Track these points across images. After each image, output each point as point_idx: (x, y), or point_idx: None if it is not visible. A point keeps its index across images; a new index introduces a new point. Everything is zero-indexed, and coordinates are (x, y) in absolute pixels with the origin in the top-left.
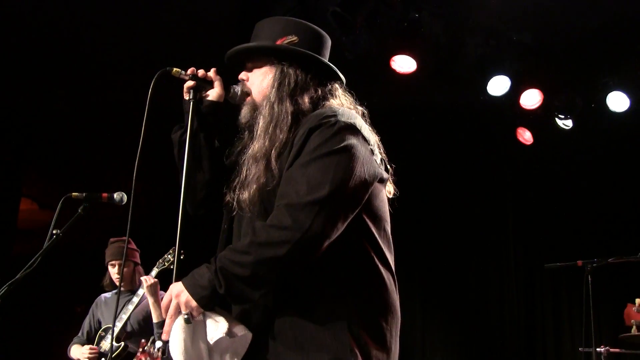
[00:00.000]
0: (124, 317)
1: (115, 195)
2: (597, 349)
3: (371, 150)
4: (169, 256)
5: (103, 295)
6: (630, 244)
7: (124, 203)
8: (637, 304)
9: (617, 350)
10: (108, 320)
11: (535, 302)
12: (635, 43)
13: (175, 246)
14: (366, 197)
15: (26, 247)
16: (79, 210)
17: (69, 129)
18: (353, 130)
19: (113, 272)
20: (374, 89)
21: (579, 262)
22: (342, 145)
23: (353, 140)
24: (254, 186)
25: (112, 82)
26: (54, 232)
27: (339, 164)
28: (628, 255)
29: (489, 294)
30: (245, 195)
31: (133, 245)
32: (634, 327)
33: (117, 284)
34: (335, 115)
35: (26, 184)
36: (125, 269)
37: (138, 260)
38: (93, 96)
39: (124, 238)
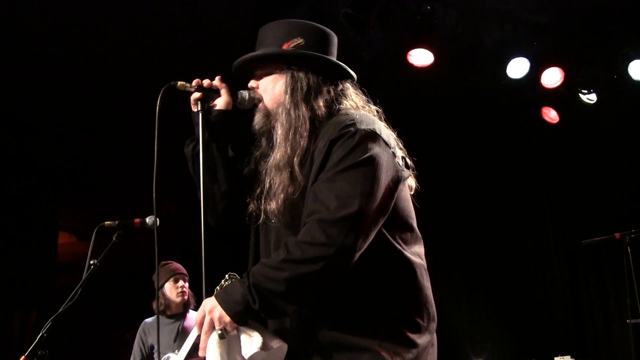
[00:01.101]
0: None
1: (148, 220)
2: None
3: (393, 153)
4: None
5: (148, 320)
6: None
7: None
8: None
9: None
10: (163, 345)
11: (579, 280)
12: None
13: (230, 272)
14: (393, 202)
15: (68, 279)
16: (114, 238)
17: (98, 158)
18: (374, 137)
19: (176, 287)
20: (393, 85)
21: (617, 235)
22: (365, 156)
23: (375, 149)
24: (282, 196)
25: (132, 104)
26: (91, 262)
27: (365, 175)
28: None
29: (532, 276)
30: (272, 205)
31: (184, 270)
32: None
33: (184, 298)
34: (354, 124)
35: (63, 218)
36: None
37: (186, 285)
38: (118, 120)
39: (171, 262)
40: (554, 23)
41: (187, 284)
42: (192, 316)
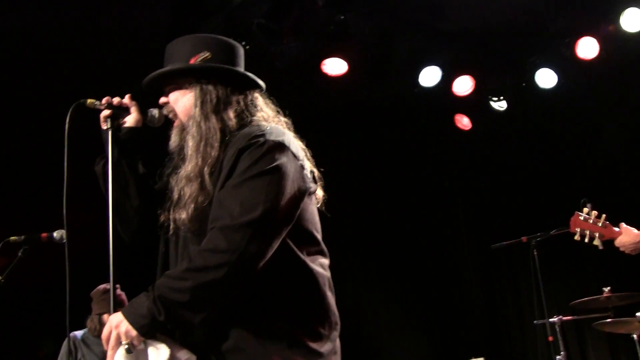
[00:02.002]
0: None
1: (55, 234)
2: (550, 320)
3: (301, 165)
4: None
5: (78, 333)
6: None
7: (64, 241)
8: (583, 212)
9: (569, 317)
10: None
11: (493, 282)
12: (557, 20)
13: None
14: (298, 212)
15: None
16: (19, 254)
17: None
18: (282, 148)
19: None
20: (308, 94)
21: (524, 238)
22: (272, 165)
23: (283, 159)
24: (192, 206)
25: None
26: None
27: (270, 184)
28: (568, 226)
29: (447, 280)
30: (183, 215)
31: (124, 297)
32: (577, 234)
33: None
34: (263, 135)
35: None
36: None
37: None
38: (27, 135)
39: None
40: (464, 32)
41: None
42: None
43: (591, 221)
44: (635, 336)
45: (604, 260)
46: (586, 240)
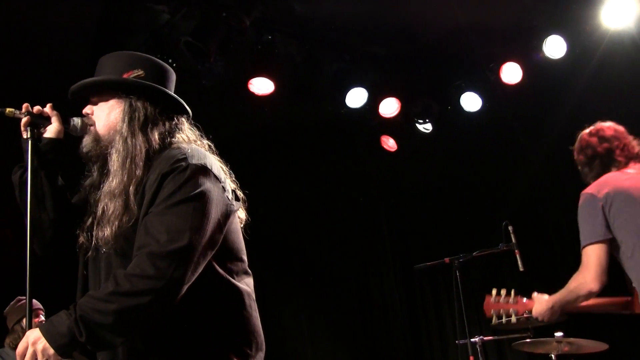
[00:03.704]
0: None
1: None
2: (472, 340)
3: (223, 187)
4: None
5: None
6: (494, 236)
7: None
8: (493, 295)
9: (490, 338)
10: None
11: (417, 302)
12: (482, 45)
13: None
14: (222, 236)
15: None
16: None
17: None
18: (205, 171)
19: (33, 322)
20: (234, 114)
21: (447, 259)
22: (196, 191)
23: (206, 184)
24: (115, 223)
25: None
26: None
27: (195, 210)
28: (490, 247)
29: (372, 299)
30: (106, 232)
31: (37, 305)
32: (494, 317)
33: None
34: (185, 159)
35: None
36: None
37: (43, 319)
38: None
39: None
40: (391, 55)
41: (42, 317)
42: None
43: (501, 300)
44: (553, 356)
45: (524, 281)
46: (503, 320)
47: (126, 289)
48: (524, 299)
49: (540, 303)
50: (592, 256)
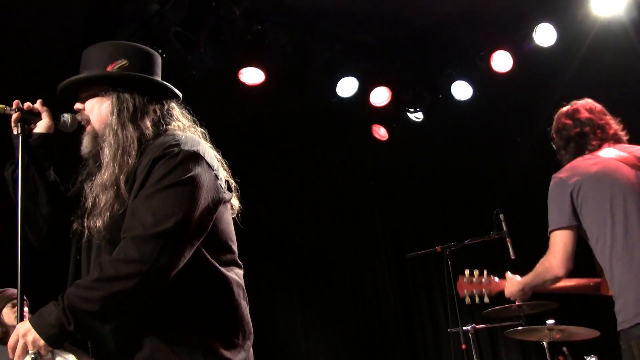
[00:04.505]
0: None
1: None
2: (464, 328)
3: (215, 175)
4: None
5: None
6: (485, 225)
7: None
8: (466, 275)
9: (482, 326)
10: None
11: (409, 291)
12: (471, 34)
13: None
14: (211, 223)
15: None
16: None
17: None
18: (196, 158)
19: (14, 312)
20: (224, 104)
21: (438, 248)
22: (186, 176)
23: (197, 169)
24: (107, 214)
25: None
26: None
27: (183, 194)
28: (482, 236)
29: (364, 288)
30: (98, 222)
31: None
32: (467, 297)
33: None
34: (178, 145)
35: None
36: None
37: (26, 310)
38: None
39: (7, 288)
40: (381, 44)
41: (26, 308)
42: None
43: (474, 280)
44: (545, 343)
45: (516, 270)
46: (476, 300)
47: (110, 274)
48: (496, 279)
49: (512, 284)
50: (559, 242)
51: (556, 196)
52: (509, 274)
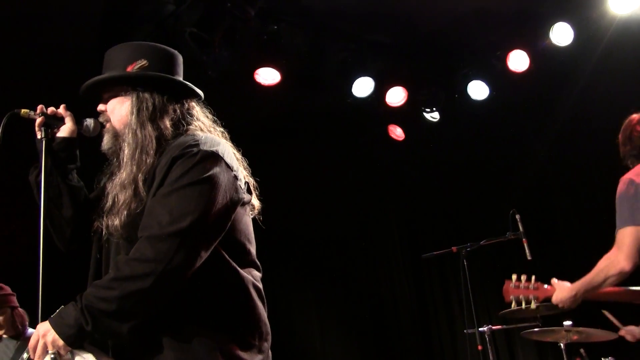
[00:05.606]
0: None
1: None
2: (480, 329)
3: (234, 176)
4: None
5: None
6: (501, 225)
7: None
8: (513, 280)
9: (499, 327)
10: None
11: (425, 291)
12: (488, 33)
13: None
14: (229, 224)
15: None
16: None
17: None
18: (215, 158)
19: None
20: (240, 104)
21: (454, 249)
22: (204, 175)
23: (215, 169)
24: (125, 212)
25: None
26: None
27: (200, 194)
28: (498, 236)
29: (381, 289)
30: (116, 221)
31: (8, 291)
32: (513, 302)
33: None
34: (197, 144)
35: None
36: (1, 317)
37: (15, 304)
38: None
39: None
40: (397, 44)
41: (16, 303)
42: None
43: (521, 285)
44: (562, 344)
45: (532, 270)
46: (523, 306)
47: (126, 273)
48: (545, 285)
49: (562, 290)
50: (627, 237)
51: (627, 195)
52: (555, 280)
